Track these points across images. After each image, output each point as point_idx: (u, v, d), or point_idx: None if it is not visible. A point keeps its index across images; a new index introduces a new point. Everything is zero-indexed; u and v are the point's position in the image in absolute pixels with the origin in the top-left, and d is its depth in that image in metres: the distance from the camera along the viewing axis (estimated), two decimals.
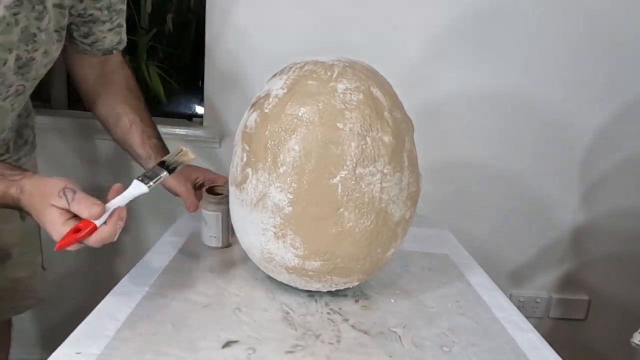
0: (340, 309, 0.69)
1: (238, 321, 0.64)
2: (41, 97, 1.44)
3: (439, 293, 0.77)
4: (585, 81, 1.30)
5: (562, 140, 1.34)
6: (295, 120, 0.62)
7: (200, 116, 1.37)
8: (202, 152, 1.35)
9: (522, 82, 1.31)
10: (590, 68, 1.30)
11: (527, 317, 0.72)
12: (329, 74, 0.65)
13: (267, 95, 0.66)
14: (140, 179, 0.62)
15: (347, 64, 0.67)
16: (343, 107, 0.63)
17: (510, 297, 1.42)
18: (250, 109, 0.69)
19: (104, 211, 0.56)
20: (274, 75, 0.71)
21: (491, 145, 1.35)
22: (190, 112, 1.51)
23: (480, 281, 0.82)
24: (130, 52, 1.65)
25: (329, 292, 0.72)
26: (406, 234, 0.71)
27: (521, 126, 1.34)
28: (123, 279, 0.72)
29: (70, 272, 1.43)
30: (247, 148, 0.66)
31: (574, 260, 1.43)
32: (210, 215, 0.84)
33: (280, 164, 0.62)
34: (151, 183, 0.62)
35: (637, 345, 0.90)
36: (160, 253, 0.83)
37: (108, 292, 0.68)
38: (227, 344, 0.59)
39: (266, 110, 0.65)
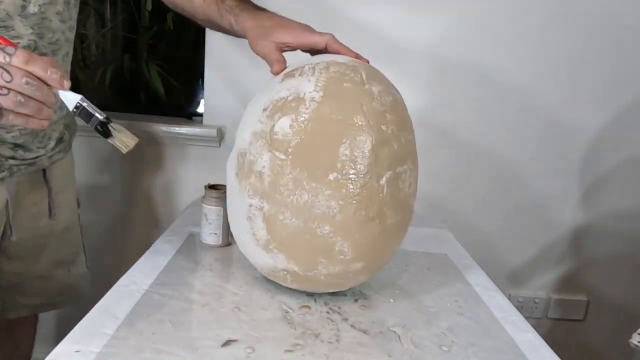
0: (339, 308, 0.69)
1: (237, 320, 0.64)
2: None
3: (438, 293, 0.77)
4: (585, 81, 1.31)
5: (562, 141, 1.35)
6: (342, 125, 0.60)
7: (200, 115, 1.37)
8: (201, 151, 1.35)
9: (522, 83, 1.31)
10: (591, 68, 1.30)
11: (526, 318, 0.72)
12: (358, 76, 0.64)
13: (299, 99, 0.62)
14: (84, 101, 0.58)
15: (366, 66, 0.68)
16: (382, 109, 0.63)
17: (509, 297, 1.43)
18: (270, 113, 0.63)
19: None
20: (290, 77, 0.66)
21: (491, 145, 1.35)
22: (190, 110, 1.51)
23: (480, 281, 0.83)
24: (131, 50, 1.65)
25: (328, 292, 0.72)
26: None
27: (521, 126, 1.34)
28: (122, 277, 0.72)
29: None
30: (283, 157, 0.61)
31: (573, 261, 1.43)
32: (211, 210, 0.84)
33: (329, 171, 0.60)
34: (84, 105, 0.57)
35: (636, 345, 0.90)
36: (160, 252, 0.83)
37: (107, 290, 0.68)
38: (227, 343, 0.59)
39: (305, 116, 0.61)
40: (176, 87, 1.64)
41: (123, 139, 0.61)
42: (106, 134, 0.60)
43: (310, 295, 0.72)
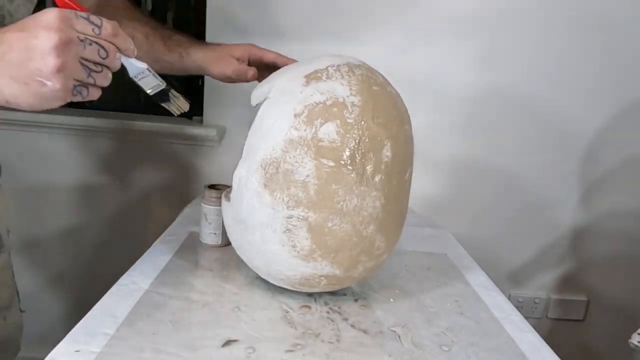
0: (339, 308, 0.69)
1: (237, 320, 0.64)
2: None
3: (438, 293, 0.77)
4: (585, 82, 1.31)
5: (562, 141, 1.35)
6: (383, 127, 0.61)
7: (200, 115, 1.37)
8: (201, 151, 1.35)
9: (522, 83, 1.31)
10: (591, 69, 1.30)
11: (526, 318, 0.72)
12: (380, 77, 0.66)
13: (339, 104, 0.60)
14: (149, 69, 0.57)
15: (369, 66, 0.68)
16: (404, 109, 0.67)
17: (509, 297, 1.43)
18: (308, 119, 0.60)
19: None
20: (316, 79, 0.62)
21: (491, 145, 1.35)
22: (190, 110, 1.51)
23: (480, 281, 0.83)
24: None
25: (328, 292, 0.72)
26: None
27: (521, 127, 1.34)
28: (122, 277, 0.72)
29: (70, 269, 1.43)
30: (332, 164, 0.59)
31: (573, 261, 1.43)
32: (211, 210, 0.84)
33: (376, 173, 0.61)
34: (151, 73, 0.57)
35: (635, 346, 0.90)
36: (160, 252, 0.83)
37: (107, 290, 0.68)
38: (227, 343, 0.58)
39: (350, 120, 0.60)
40: (176, 87, 1.64)
41: (178, 103, 0.64)
42: (162, 99, 0.62)
43: (310, 295, 0.72)
